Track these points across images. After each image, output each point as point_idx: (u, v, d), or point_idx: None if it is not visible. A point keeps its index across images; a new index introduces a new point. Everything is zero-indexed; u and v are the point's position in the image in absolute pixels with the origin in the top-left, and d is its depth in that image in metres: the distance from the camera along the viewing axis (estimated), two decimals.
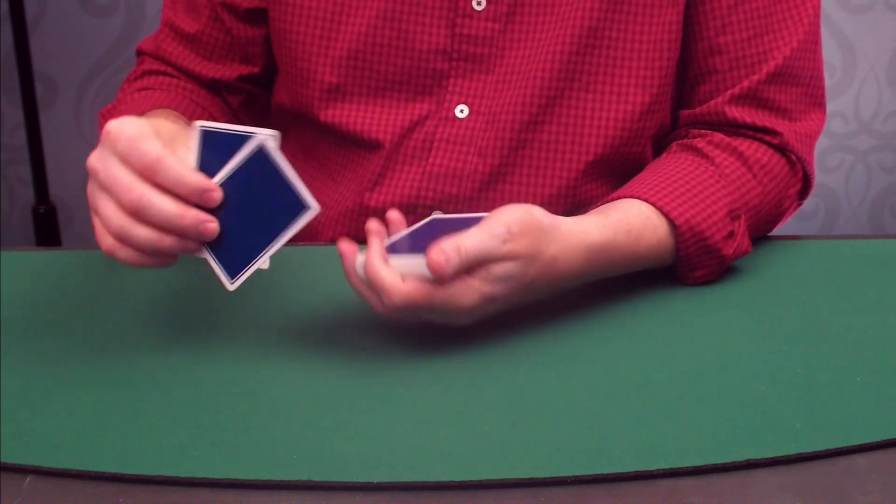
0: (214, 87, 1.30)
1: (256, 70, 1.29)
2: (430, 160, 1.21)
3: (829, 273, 1.13)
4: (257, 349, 0.99)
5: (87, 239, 2.50)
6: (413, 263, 0.94)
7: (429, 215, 1.20)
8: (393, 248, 0.97)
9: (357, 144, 1.23)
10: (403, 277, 0.94)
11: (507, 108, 1.19)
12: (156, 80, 1.29)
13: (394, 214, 1.01)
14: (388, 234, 1.01)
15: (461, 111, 1.20)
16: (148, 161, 0.89)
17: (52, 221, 2.31)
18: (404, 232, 1.01)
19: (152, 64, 1.31)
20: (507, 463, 0.84)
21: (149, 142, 0.89)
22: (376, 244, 0.95)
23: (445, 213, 1.20)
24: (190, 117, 1.20)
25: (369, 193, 1.23)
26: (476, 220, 0.98)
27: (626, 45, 1.18)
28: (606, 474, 0.83)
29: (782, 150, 1.19)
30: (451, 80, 1.20)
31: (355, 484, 0.82)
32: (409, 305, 0.94)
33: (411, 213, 1.21)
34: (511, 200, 1.20)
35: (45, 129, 2.30)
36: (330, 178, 1.27)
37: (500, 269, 0.96)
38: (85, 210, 2.50)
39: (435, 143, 1.21)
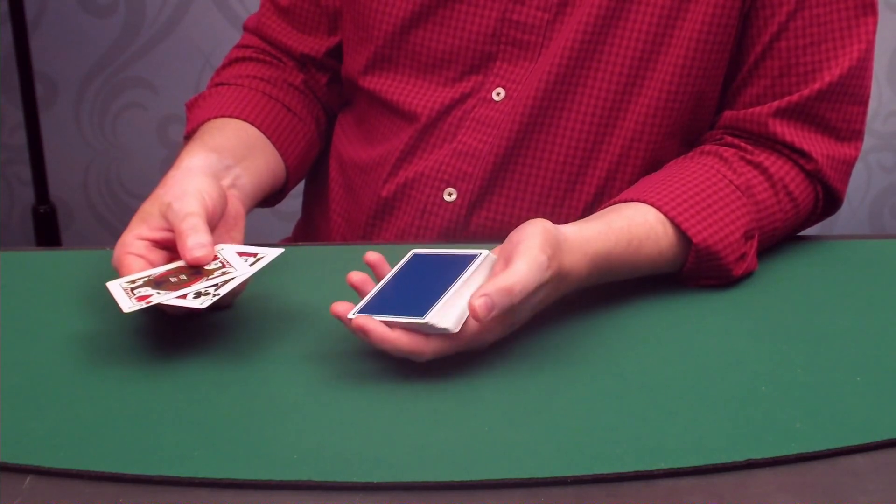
0: (304, 63, 1.33)
1: (339, 38, 1.32)
2: (459, 138, 1.22)
3: (828, 273, 1.13)
4: (257, 349, 0.99)
5: (87, 239, 2.50)
6: (416, 328, 0.93)
7: (443, 189, 1.22)
8: (384, 299, 0.97)
9: (394, 113, 1.26)
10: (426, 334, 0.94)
11: (527, 93, 1.19)
12: (237, 70, 1.32)
13: (373, 256, 1.01)
14: (376, 275, 1.00)
15: (497, 94, 1.22)
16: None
17: (52, 221, 2.30)
18: (389, 275, 1.00)
19: (250, 41, 1.35)
20: (507, 463, 0.84)
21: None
22: (372, 325, 0.93)
23: (456, 190, 1.22)
24: (248, 115, 1.24)
25: (389, 184, 1.24)
26: (458, 257, 0.98)
27: (648, 37, 1.17)
28: (606, 474, 0.83)
29: (813, 177, 1.17)
30: (497, 64, 1.22)
31: (355, 484, 0.82)
32: (438, 356, 0.95)
33: (427, 187, 1.23)
34: (520, 183, 1.21)
35: (45, 129, 2.29)
36: (369, 144, 1.29)
37: (532, 297, 0.96)
38: (84, 210, 2.50)
39: (468, 123, 1.22)
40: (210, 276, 0.98)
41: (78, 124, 2.44)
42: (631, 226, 1.07)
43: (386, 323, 0.93)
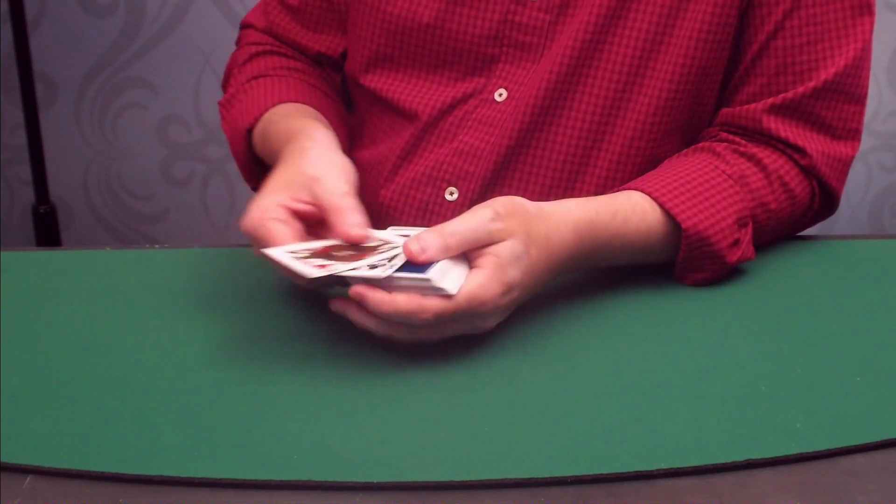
0: (320, 62, 1.33)
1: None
2: (461, 137, 1.23)
3: (828, 273, 1.13)
4: (257, 349, 0.99)
5: (87, 239, 2.50)
6: (418, 284, 0.93)
7: (444, 189, 1.23)
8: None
9: (395, 112, 1.26)
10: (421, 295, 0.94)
11: (530, 92, 1.20)
12: (266, 62, 1.31)
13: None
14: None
15: (500, 95, 1.22)
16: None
17: (52, 221, 2.30)
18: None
19: (259, 38, 1.34)
20: (507, 463, 0.84)
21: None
22: (371, 291, 0.94)
23: (458, 189, 1.22)
24: (306, 101, 1.24)
25: (389, 183, 1.24)
26: None
27: (649, 36, 1.17)
28: (606, 474, 0.83)
29: (808, 172, 1.17)
30: (500, 66, 1.22)
31: (355, 484, 0.82)
32: (438, 318, 0.94)
33: (428, 186, 1.23)
34: (521, 182, 1.21)
35: (45, 129, 2.29)
36: (370, 143, 1.29)
37: (505, 250, 0.97)
38: (84, 210, 2.50)
39: (469, 122, 1.23)
40: (376, 252, 0.97)
41: (78, 124, 2.44)
42: (615, 201, 1.07)
43: (384, 288, 0.93)
